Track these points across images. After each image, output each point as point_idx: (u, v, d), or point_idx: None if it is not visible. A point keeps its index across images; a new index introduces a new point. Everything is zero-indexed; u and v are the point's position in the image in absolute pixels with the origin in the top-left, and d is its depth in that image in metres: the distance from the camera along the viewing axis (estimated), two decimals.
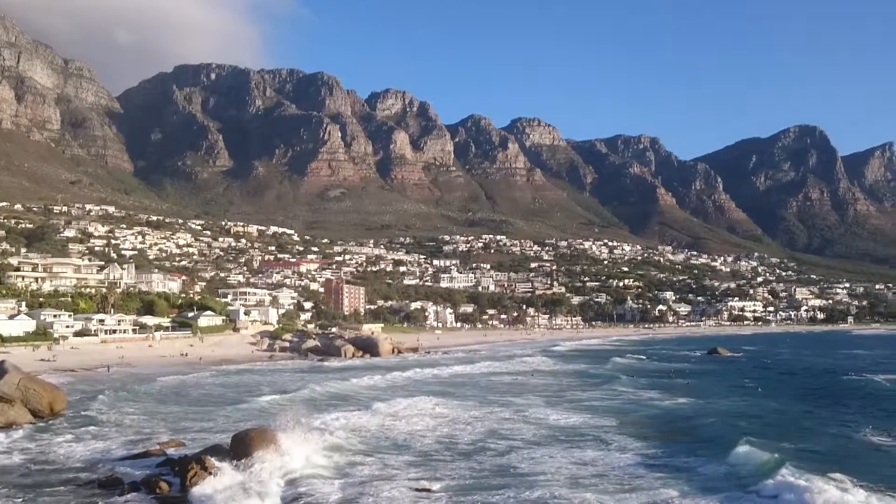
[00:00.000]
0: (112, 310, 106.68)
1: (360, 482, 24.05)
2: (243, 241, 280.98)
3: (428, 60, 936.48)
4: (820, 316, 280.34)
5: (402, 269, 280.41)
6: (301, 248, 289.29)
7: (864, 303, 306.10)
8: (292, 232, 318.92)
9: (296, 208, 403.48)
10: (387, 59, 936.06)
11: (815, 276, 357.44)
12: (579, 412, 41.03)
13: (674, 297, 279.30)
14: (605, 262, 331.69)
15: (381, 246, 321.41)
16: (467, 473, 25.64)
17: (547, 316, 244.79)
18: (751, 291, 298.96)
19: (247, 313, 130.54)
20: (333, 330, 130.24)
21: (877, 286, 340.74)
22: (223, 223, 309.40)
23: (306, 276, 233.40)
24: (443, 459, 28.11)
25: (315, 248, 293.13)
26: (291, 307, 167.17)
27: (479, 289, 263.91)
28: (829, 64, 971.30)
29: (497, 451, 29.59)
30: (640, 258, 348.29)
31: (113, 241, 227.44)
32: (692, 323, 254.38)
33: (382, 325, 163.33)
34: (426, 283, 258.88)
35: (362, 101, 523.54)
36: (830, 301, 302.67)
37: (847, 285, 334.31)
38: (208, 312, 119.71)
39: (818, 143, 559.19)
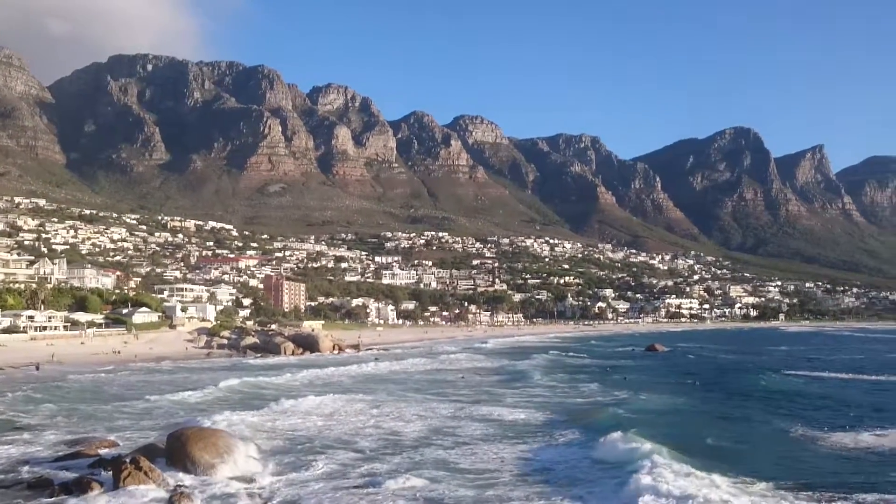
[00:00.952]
0: (42, 306, 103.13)
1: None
2: (180, 236, 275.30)
3: (371, 56, 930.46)
4: (753, 313, 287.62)
5: (344, 265, 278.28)
6: (240, 244, 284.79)
7: (795, 300, 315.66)
8: (231, 227, 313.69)
9: (235, 203, 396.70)
10: (329, 54, 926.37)
11: (748, 275, 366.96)
12: (489, 405, 41.47)
13: (613, 295, 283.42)
14: (547, 259, 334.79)
15: (323, 242, 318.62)
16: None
17: (489, 313, 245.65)
18: (687, 289, 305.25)
19: (184, 310, 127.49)
20: (273, 327, 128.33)
21: (807, 284, 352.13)
22: (159, 218, 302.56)
23: (245, 272, 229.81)
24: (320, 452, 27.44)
25: (254, 244, 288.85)
26: (230, 304, 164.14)
27: (422, 286, 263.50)
28: (763, 68, 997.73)
29: (376, 447, 28.81)
30: (580, 256, 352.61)
31: (43, 236, 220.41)
32: (631, 320, 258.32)
33: (323, 322, 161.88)
34: (368, 280, 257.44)
35: (304, 95, 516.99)
36: (763, 299, 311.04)
37: (779, 283, 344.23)
38: (143, 309, 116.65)
39: (752, 145, 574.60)
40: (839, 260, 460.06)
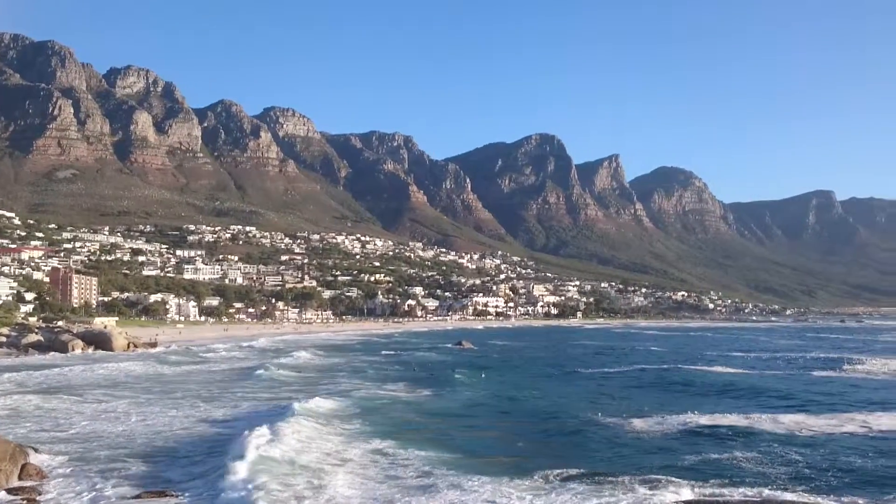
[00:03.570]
0: None
1: None
2: None
3: (175, 38, 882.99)
4: (554, 311, 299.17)
5: (142, 258, 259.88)
6: (23, 234, 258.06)
7: (591, 299, 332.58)
8: (13, 215, 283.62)
9: (18, 189, 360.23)
10: (129, 33, 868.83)
11: (550, 275, 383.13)
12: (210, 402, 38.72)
13: (423, 293, 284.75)
14: (358, 256, 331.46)
15: (118, 234, 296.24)
16: None
17: (297, 310, 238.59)
18: (494, 288, 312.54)
19: None
20: (60, 323, 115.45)
21: (602, 284, 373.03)
22: None
23: (29, 264, 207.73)
24: None
25: (40, 234, 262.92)
26: (10, 298, 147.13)
27: (227, 281, 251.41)
28: (566, 79, 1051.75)
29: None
30: (391, 254, 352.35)
31: None
32: (439, 317, 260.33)
33: (117, 318, 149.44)
34: (168, 275, 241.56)
35: (100, 76, 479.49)
36: (563, 297, 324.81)
37: (577, 283, 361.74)
38: None
39: (556, 151, 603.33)
40: (631, 262, 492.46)
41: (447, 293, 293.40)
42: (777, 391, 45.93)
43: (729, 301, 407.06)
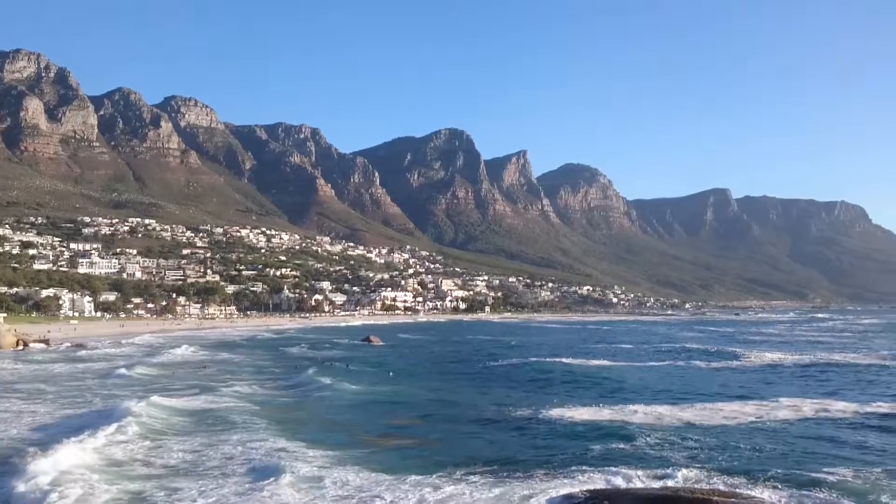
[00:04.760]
0: None
1: None
2: None
3: (70, 21, 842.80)
4: (462, 306, 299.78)
5: (32, 251, 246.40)
6: None
7: (499, 294, 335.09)
8: None
9: None
10: (18, 14, 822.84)
11: (459, 269, 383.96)
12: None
13: (331, 287, 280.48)
14: (263, 250, 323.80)
15: (7, 226, 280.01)
16: None
17: (199, 305, 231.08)
18: (402, 282, 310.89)
19: None
20: None
21: (510, 279, 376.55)
22: None
23: None
24: None
25: None
26: None
27: (125, 275, 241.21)
28: (478, 74, 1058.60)
29: None
30: (298, 248, 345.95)
31: None
32: (347, 312, 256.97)
33: (6, 314, 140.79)
34: (62, 269, 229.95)
35: None
36: (472, 292, 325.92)
37: (486, 278, 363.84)
38: None
39: (465, 147, 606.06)
40: (538, 257, 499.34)
41: (355, 288, 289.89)
42: (664, 382, 47.48)
43: (632, 295, 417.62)
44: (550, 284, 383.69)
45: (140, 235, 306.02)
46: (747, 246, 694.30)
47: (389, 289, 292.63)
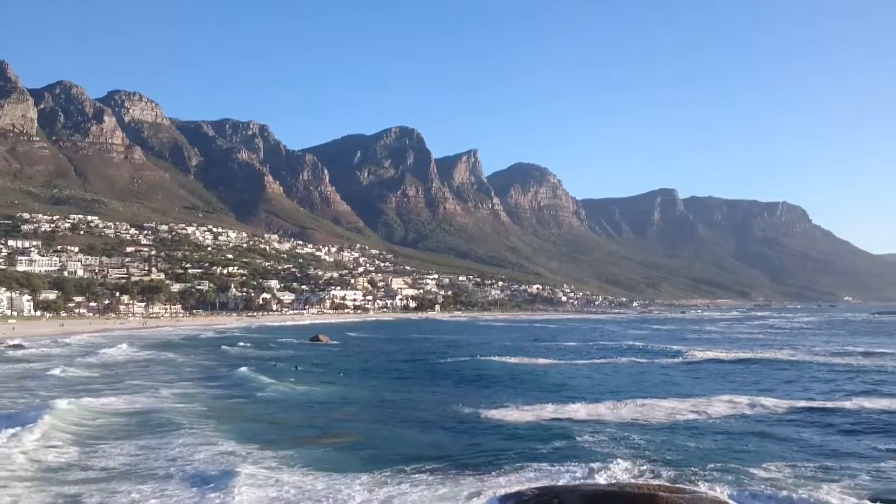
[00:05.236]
0: None
1: None
2: None
3: (7, 12, 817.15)
4: (412, 304, 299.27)
5: None
6: None
7: (450, 292, 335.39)
8: None
9: None
10: None
11: (409, 268, 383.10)
12: None
13: (279, 286, 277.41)
14: (210, 248, 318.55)
15: None
16: None
17: (144, 304, 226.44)
18: (352, 281, 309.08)
19: None
20: None
21: (460, 278, 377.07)
22: None
23: None
24: None
25: None
26: None
27: (66, 274, 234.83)
28: (426, 71, 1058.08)
29: None
30: (245, 246, 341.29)
31: None
32: (296, 311, 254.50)
33: None
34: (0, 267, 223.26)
35: None
36: (422, 291, 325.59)
37: (436, 277, 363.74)
38: None
39: (416, 145, 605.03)
40: (488, 256, 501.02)
41: (304, 286, 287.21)
42: (607, 380, 48.66)
43: (581, 294, 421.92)
44: (500, 283, 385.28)
45: (82, 233, 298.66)
46: (693, 245, 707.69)
47: (339, 287, 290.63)
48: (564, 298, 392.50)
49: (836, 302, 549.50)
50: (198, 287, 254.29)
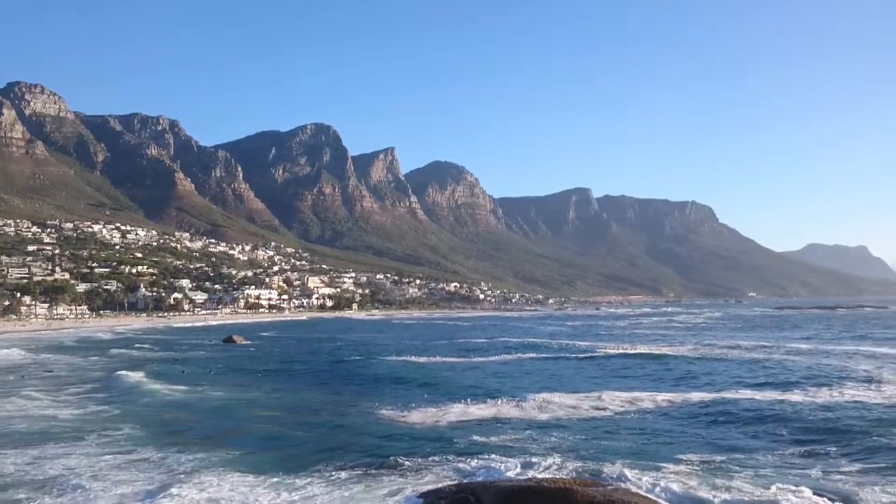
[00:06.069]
0: None
1: None
2: None
3: None
4: (329, 303, 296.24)
5: None
6: None
7: (367, 291, 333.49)
8: None
9: None
10: None
11: (326, 266, 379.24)
12: None
13: (191, 286, 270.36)
14: (118, 247, 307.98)
15: None
16: None
17: (47, 305, 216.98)
18: (267, 280, 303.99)
19: None
20: None
21: (378, 276, 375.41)
22: None
23: None
24: None
25: None
26: None
27: None
28: (345, 67, 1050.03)
29: None
30: (156, 244, 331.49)
31: None
32: (208, 311, 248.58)
33: None
34: None
35: None
36: (339, 289, 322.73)
37: (353, 275, 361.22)
38: None
39: (332, 142, 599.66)
40: (405, 254, 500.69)
41: (217, 286, 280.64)
42: (514, 377, 49.14)
43: (498, 292, 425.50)
44: (418, 281, 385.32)
45: None
46: (607, 243, 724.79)
47: (253, 287, 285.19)
48: (482, 296, 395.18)
49: (742, 298, 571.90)
50: (105, 287, 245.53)
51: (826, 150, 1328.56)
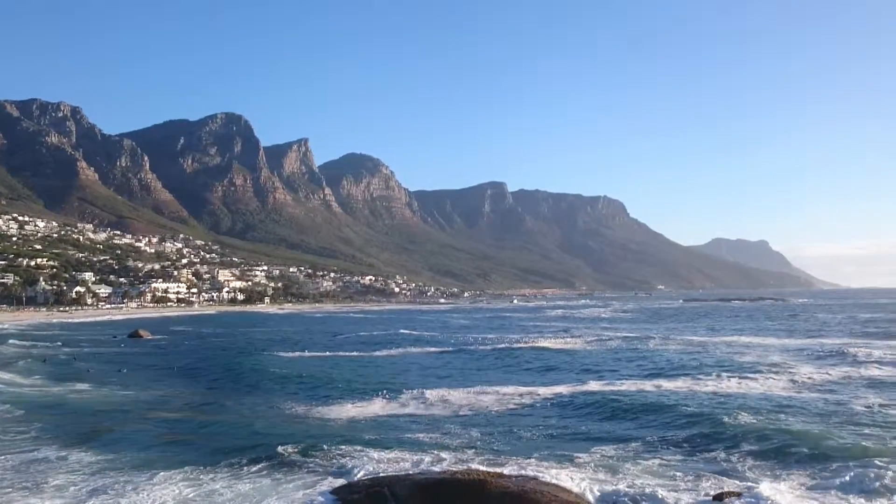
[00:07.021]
0: None
1: None
2: None
3: None
4: (241, 297, 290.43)
5: None
6: None
7: (280, 284, 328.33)
8: None
9: None
10: None
11: (237, 259, 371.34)
12: None
13: (94, 279, 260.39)
14: (15, 239, 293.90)
15: None
16: None
17: None
18: (175, 273, 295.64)
19: None
20: None
21: (291, 269, 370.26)
22: None
23: None
24: None
25: None
26: None
27: None
28: (257, 56, 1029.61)
29: None
30: (56, 236, 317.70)
31: None
32: (113, 305, 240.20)
33: None
34: None
35: None
36: (251, 283, 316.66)
37: (265, 268, 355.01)
38: None
39: (243, 132, 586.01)
40: (320, 247, 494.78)
41: (122, 279, 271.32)
42: (414, 371, 50.12)
43: (413, 285, 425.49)
44: (332, 274, 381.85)
45: None
46: (522, 237, 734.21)
47: (161, 280, 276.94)
48: (397, 290, 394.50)
49: (651, 290, 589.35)
50: (2, 281, 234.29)
51: (730, 151, 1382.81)
